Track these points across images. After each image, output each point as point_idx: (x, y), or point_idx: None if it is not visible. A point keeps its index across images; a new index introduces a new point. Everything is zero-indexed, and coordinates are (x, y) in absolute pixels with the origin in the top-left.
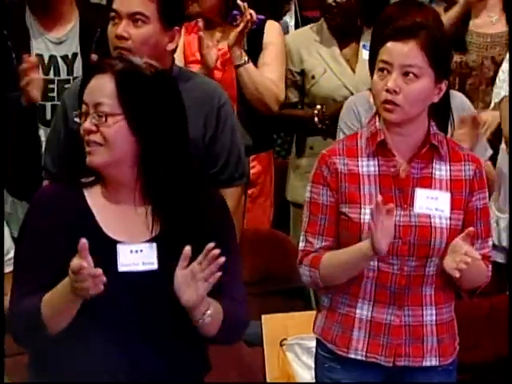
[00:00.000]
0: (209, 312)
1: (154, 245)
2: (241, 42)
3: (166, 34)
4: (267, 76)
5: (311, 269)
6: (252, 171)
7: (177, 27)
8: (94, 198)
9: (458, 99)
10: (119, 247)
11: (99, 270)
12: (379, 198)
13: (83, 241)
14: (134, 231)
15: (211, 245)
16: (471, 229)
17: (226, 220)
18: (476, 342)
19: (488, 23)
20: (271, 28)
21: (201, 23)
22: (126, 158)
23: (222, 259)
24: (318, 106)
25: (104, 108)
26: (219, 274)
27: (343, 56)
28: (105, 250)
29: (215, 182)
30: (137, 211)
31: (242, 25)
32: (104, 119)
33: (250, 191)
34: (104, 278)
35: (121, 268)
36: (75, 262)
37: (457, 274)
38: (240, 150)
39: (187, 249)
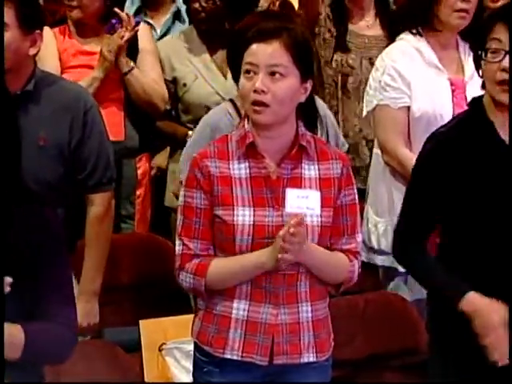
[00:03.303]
0: None
1: None
2: (125, 49)
3: (26, 39)
4: (150, 78)
5: (195, 277)
6: (139, 171)
7: (38, 31)
8: None
9: (318, 101)
10: None
11: None
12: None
13: None
14: None
15: None
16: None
17: (49, 239)
18: (351, 338)
19: (364, 26)
20: (143, 31)
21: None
22: None
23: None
24: (190, 132)
25: None
26: None
27: (214, 62)
28: None
29: (83, 188)
30: None
31: (127, 34)
32: None
33: (138, 192)
34: None
35: None
36: None
37: (282, 264)
38: (109, 154)
39: None
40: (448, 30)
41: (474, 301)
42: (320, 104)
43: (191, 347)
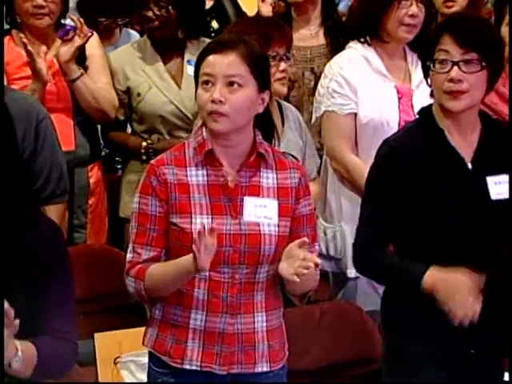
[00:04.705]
0: (16, 358)
1: None
2: (76, 56)
3: None
4: (99, 84)
5: (136, 280)
6: (91, 180)
7: None
8: None
9: (290, 110)
10: None
11: None
12: (203, 227)
13: None
14: None
15: None
16: (305, 239)
17: (53, 247)
18: (307, 348)
19: (308, 36)
20: (91, 38)
21: (25, 39)
22: None
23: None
24: (144, 144)
25: None
26: (17, 321)
27: (168, 72)
28: None
29: (36, 200)
30: None
31: (80, 40)
32: None
33: (90, 201)
34: None
35: None
36: None
37: (296, 279)
38: (62, 165)
39: None
40: (395, 41)
41: (432, 275)
42: (289, 107)
43: (146, 360)
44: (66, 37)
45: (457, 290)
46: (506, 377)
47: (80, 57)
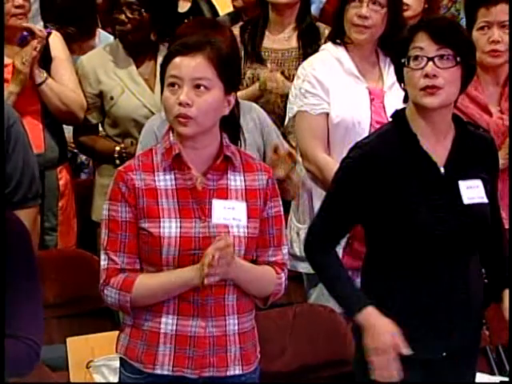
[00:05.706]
0: None
1: None
2: (38, 60)
3: None
4: (66, 86)
5: (121, 292)
6: (61, 182)
7: None
8: None
9: (249, 108)
10: None
11: None
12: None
13: None
14: None
15: None
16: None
17: (20, 249)
18: (281, 350)
19: (281, 39)
20: (55, 40)
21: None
22: None
23: None
24: (118, 148)
25: None
26: None
27: (141, 75)
28: None
29: (7, 204)
30: None
31: (39, 46)
32: None
33: (60, 203)
34: None
35: None
36: None
37: (205, 283)
38: (34, 169)
39: None
40: (353, 43)
41: (370, 316)
42: (255, 108)
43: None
44: (25, 43)
45: (384, 350)
46: (478, 377)
47: (45, 58)
